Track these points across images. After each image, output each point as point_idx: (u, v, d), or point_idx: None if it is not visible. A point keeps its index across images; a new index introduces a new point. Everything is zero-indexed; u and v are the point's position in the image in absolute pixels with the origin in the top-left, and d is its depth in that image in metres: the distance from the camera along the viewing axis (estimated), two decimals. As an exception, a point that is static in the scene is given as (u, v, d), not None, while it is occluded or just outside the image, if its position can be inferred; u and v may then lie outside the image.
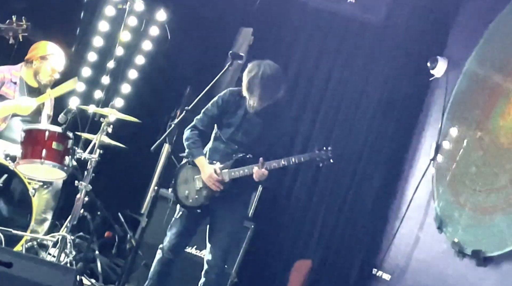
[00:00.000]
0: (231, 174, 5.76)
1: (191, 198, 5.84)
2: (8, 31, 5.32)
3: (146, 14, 8.34)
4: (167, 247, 5.89)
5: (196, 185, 5.84)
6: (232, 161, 5.79)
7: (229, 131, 5.84)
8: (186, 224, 5.88)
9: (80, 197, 6.25)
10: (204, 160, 5.82)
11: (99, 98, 8.05)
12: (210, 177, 5.75)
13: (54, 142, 6.14)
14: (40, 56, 6.75)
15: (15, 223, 5.94)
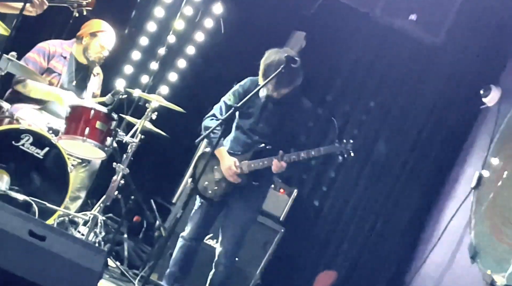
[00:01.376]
0: (251, 166, 5.73)
1: (210, 189, 5.84)
2: (73, 3, 5.32)
3: (203, 5, 8.34)
4: (188, 236, 5.91)
5: (215, 176, 5.83)
6: (251, 152, 5.76)
7: (249, 122, 5.83)
8: (205, 214, 5.90)
9: (117, 179, 6.25)
10: (224, 151, 5.80)
11: (145, 83, 8.06)
12: (229, 168, 5.74)
13: (98, 121, 6.13)
14: (90, 32, 6.76)
15: (50, 197, 5.92)
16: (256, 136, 5.80)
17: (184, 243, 5.92)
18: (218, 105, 5.93)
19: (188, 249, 5.92)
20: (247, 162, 5.74)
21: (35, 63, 6.53)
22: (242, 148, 5.82)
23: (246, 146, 5.81)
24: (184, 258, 5.92)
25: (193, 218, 5.94)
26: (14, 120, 6.00)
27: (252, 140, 5.81)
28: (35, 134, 5.89)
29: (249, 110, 5.80)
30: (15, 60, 5.94)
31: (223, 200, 5.85)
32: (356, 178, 7.34)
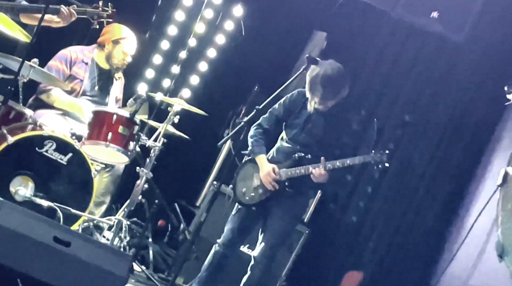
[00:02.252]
0: (287, 173, 5.73)
1: (248, 195, 5.85)
2: (93, 15, 5.34)
3: (223, 8, 8.35)
4: (223, 242, 5.90)
5: (253, 183, 5.85)
6: (291, 160, 5.76)
7: (293, 132, 5.84)
8: (242, 221, 5.89)
9: (140, 183, 6.26)
10: (264, 158, 5.82)
11: (167, 87, 8.07)
12: (267, 175, 5.74)
13: (120, 126, 6.14)
14: (112, 40, 6.77)
15: (74, 202, 5.94)
16: (298, 146, 5.81)
17: (218, 249, 5.91)
18: (265, 115, 5.96)
19: (221, 255, 5.89)
20: (285, 169, 5.75)
21: (58, 71, 6.56)
22: (283, 157, 5.84)
23: (287, 155, 5.82)
24: (215, 264, 5.90)
25: (229, 224, 5.94)
26: (37, 127, 6.01)
27: (293, 149, 5.82)
28: (59, 140, 5.91)
29: (295, 121, 5.84)
30: (37, 67, 5.97)
31: (261, 207, 5.84)
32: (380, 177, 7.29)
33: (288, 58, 8.34)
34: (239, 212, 5.90)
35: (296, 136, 5.83)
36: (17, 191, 5.73)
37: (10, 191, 5.74)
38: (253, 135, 5.89)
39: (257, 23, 8.46)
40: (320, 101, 5.70)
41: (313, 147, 5.77)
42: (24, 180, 5.81)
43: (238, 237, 5.94)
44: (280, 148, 5.90)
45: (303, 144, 5.80)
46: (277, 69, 8.18)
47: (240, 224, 5.89)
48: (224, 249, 5.89)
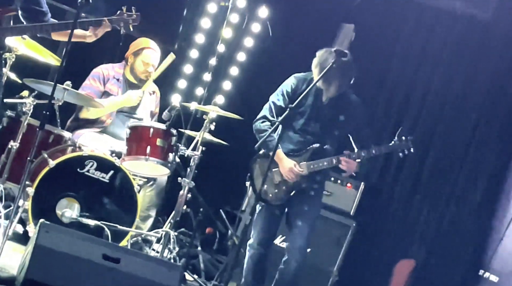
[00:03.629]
0: (310, 167, 5.72)
1: (271, 192, 5.81)
2: (119, 22, 5.39)
3: (248, 11, 8.37)
4: (257, 243, 5.89)
5: (274, 179, 5.80)
6: (308, 152, 5.73)
7: (301, 122, 5.80)
8: (268, 218, 5.88)
9: (183, 194, 6.31)
10: (281, 153, 5.74)
11: (200, 95, 8.11)
12: (290, 171, 5.71)
13: (158, 139, 6.20)
14: (133, 52, 6.85)
15: (120, 219, 6.00)
16: (309, 136, 5.78)
17: (253, 251, 5.92)
18: (266, 106, 5.91)
19: (257, 256, 5.90)
20: (305, 163, 5.72)
21: (92, 88, 6.65)
22: (296, 147, 5.80)
23: (300, 145, 5.79)
24: (254, 266, 5.92)
25: (256, 224, 5.90)
26: (77, 148, 6.09)
27: (305, 139, 5.79)
28: (99, 159, 5.99)
29: (300, 109, 5.75)
30: (71, 89, 6.05)
31: (285, 202, 5.82)
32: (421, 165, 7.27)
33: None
34: (264, 210, 5.87)
35: (305, 126, 5.79)
36: (63, 213, 5.81)
37: (57, 214, 5.82)
38: (263, 129, 5.78)
39: (283, 22, 8.46)
40: (337, 90, 5.68)
41: (324, 135, 5.76)
42: (69, 202, 5.89)
43: (269, 234, 5.94)
44: (289, 137, 5.81)
45: (313, 133, 5.77)
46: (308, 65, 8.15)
47: (268, 222, 5.88)
48: (261, 249, 5.89)
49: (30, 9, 5.25)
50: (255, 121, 5.88)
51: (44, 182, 5.81)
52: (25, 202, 5.78)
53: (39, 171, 5.87)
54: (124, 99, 6.67)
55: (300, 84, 5.82)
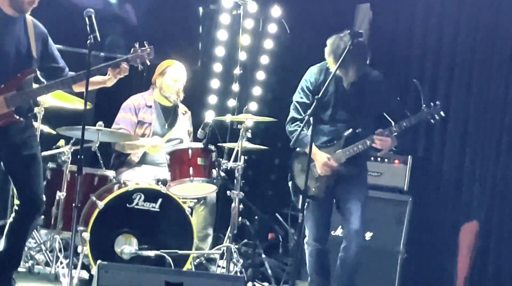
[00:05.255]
0: (346, 153, 5.70)
1: (313, 187, 5.78)
2: (135, 59, 5.42)
3: (261, 13, 8.37)
4: (311, 239, 5.88)
5: (314, 173, 5.77)
6: (342, 140, 5.72)
7: (328, 112, 5.77)
8: (318, 212, 5.85)
9: (235, 206, 6.36)
10: (314, 147, 5.67)
11: (233, 107, 8.12)
12: (325, 165, 5.69)
13: (198, 158, 6.25)
14: (159, 73, 6.90)
15: (179, 244, 6.02)
16: (340, 124, 5.76)
17: (310, 248, 5.90)
18: (292, 107, 5.90)
19: (316, 252, 5.88)
20: (341, 150, 5.71)
21: (126, 120, 6.72)
22: (330, 138, 5.78)
23: (333, 135, 5.77)
24: (316, 263, 5.90)
25: (307, 220, 5.86)
26: (122, 185, 6.16)
27: (336, 128, 5.77)
28: (145, 190, 6.04)
29: (324, 100, 5.68)
30: (104, 129, 6.13)
31: (330, 192, 5.81)
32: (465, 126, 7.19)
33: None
34: (312, 206, 5.83)
35: (333, 115, 5.76)
36: (122, 250, 5.87)
37: (116, 252, 5.88)
38: (292, 130, 5.78)
39: (298, 15, 8.44)
40: (356, 73, 5.66)
41: (354, 120, 5.72)
42: (126, 238, 5.94)
43: (322, 229, 5.90)
44: (321, 130, 5.78)
45: (343, 120, 5.74)
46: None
47: (318, 216, 5.85)
48: (317, 245, 5.86)
49: (47, 68, 5.31)
50: (286, 124, 5.88)
51: (98, 224, 5.87)
52: (84, 247, 5.86)
53: (90, 214, 5.94)
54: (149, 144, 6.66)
55: (318, 75, 5.80)
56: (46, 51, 5.28)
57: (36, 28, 5.24)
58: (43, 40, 5.27)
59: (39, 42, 5.22)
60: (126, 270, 4.63)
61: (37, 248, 6.22)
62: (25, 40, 5.15)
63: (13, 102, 5.06)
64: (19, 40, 5.12)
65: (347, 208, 5.74)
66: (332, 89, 5.74)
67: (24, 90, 5.11)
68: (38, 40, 5.21)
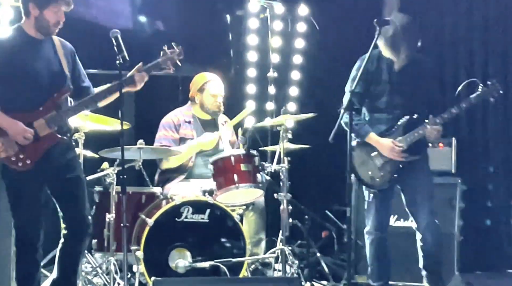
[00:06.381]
0: (407, 140, 5.65)
1: (377, 177, 5.75)
2: (166, 62, 5.41)
3: (288, 14, 8.38)
4: (372, 229, 5.85)
5: (377, 163, 5.75)
6: (400, 127, 5.68)
7: (384, 99, 5.74)
8: (382, 202, 5.82)
9: (284, 208, 6.36)
10: (374, 136, 5.70)
11: (271, 110, 8.13)
12: (392, 150, 5.65)
13: (241, 164, 6.25)
14: (198, 89, 6.88)
15: (232, 252, 6.05)
16: (396, 111, 5.72)
17: (371, 237, 5.87)
18: (345, 98, 5.82)
19: (377, 241, 5.85)
20: (401, 138, 5.67)
21: (167, 139, 6.73)
22: (388, 126, 5.75)
23: (391, 123, 5.73)
24: (376, 251, 5.86)
25: (369, 210, 5.86)
26: (169, 200, 6.18)
27: (393, 115, 5.73)
28: (192, 202, 6.06)
29: (378, 88, 5.73)
30: (145, 146, 6.17)
31: (394, 181, 5.76)
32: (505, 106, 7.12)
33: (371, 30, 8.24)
34: (376, 196, 5.80)
35: (390, 102, 5.73)
36: (177, 265, 5.88)
37: (171, 267, 5.90)
38: (347, 122, 5.61)
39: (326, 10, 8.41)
40: (407, 56, 5.63)
41: (410, 105, 5.68)
42: (179, 252, 5.96)
43: (384, 218, 5.89)
44: (377, 118, 5.78)
45: (399, 106, 5.70)
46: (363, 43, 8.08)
47: (381, 206, 5.82)
48: (378, 234, 5.84)
49: (76, 86, 5.34)
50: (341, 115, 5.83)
51: (150, 241, 5.90)
52: (139, 266, 5.90)
53: (142, 232, 5.98)
54: (200, 142, 6.72)
55: (369, 63, 5.63)
56: (75, 69, 5.32)
57: (64, 46, 5.29)
58: (72, 58, 5.31)
59: (69, 60, 5.26)
60: (182, 284, 4.66)
61: (94, 272, 6.26)
62: (55, 60, 5.19)
63: (54, 122, 5.10)
64: (49, 60, 5.17)
65: (416, 199, 5.73)
66: (386, 76, 5.74)
67: (62, 109, 5.16)
68: (68, 58, 5.26)
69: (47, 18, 5.08)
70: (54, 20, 5.09)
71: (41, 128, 5.07)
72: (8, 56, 5.06)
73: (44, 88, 5.12)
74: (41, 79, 5.11)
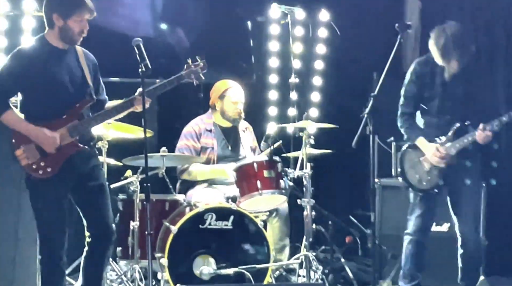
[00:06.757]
0: (456, 146, 5.67)
1: (424, 180, 5.80)
2: (189, 75, 5.43)
3: (309, 19, 8.37)
4: (413, 230, 5.88)
5: (424, 167, 5.78)
6: (451, 132, 5.68)
7: (435, 104, 5.77)
8: (426, 206, 5.85)
9: (307, 213, 6.37)
10: (423, 140, 5.77)
11: (293, 116, 8.12)
12: (434, 155, 5.69)
13: (264, 171, 6.26)
14: (218, 96, 6.89)
15: (257, 258, 6.04)
16: (448, 116, 5.76)
17: (410, 238, 5.89)
18: (400, 102, 5.93)
19: (415, 243, 5.88)
20: (450, 143, 5.69)
21: (188, 149, 6.75)
22: (438, 131, 5.78)
23: (441, 128, 5.77)
24: (414, 254, 5.89)
25: (413, 212, 5.90)
26: (193, 207, 6.19)
27: (445, 121, 5.76)
28: (216, 209, 6.06)
29: (431, 92, 5.78)
30: (168, 154, 6.18)
31: (441, 186, 5.80)
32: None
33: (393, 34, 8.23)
34: (421, 199, 5.85)
35: (441, 107, 5.76)
36: (201, 272, 5.89)
37: (196, 274, 5.90)
38: (403, 124, 5.87)
39: (347, 15, 8.40)
40: (459, 64, 5.63)
41: (462, 111, 5.70)
42: (203, 259, 5.96)
43: (427, 221, 5.92)
44: (429, 123, 5.83)
45: (451, 112, 5.73)
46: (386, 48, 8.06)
47: (426, 209, 5.85)
48: (418, 236, 5.86)
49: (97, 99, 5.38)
50: (397, 118, 5.93)
51: (174, 249, 5.91)
52: (163, 273, 5.91)
53: (166, 239, 5.99)
54: (220, 169, 6.68)
55: (423, 67, 5.80)
56: (95, 81, 5.34)
57: (87, 57, 5.32)
58: (94, 70, 5.34)
59: (91, 70, 5.29)
60: (206, 291, 4.64)
61: (118, 280, 6.28)
62: (78, 70, 5.22)
63: (76, 131, 5.13)
64: (72, 70, 5.19)
65: (460, 203, 5.77)
66: (438, 81, 5.77)
67: (85, 119, 5.19)
68: (90, 69, 5.28)
69: (71, 27, 5.10)
70: (78, 29, 5.12)
71: (63, 137, 5.10)
72: (32, 66, 5.09)
73: (66, 98, 5.15)
74: (64, 89, 5.14)
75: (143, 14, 8.34)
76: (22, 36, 6.84)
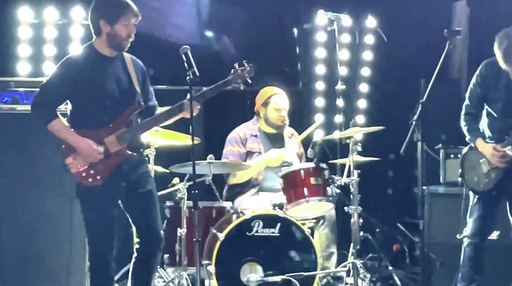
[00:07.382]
0: None
1: (482, 182, 5.76)
2: (236, 80, 5.42)
3: (356, 26, 8.35)
4: (471, 233, 5.82)
5: (483, 169, 5.75)
6: None
7: (499, 106, 5.73)
8: (484, 208, 5.80)
9: (355, 221, 6.32)
10: (481, 142, 5.74)
11: (340, 122, 8.09)
12: (493, 155, 5.65)
13: (311, 178, 6.24)
14: (261, 104, 6.92)
15: (304, 266, 6.04)
16: (511, 119, 5.70)
17: (468, 241, 5.84)
18: (465, 103, 5.92)
19: (473, 246, 5.82)
20: (510, 146, 5.64)
21: (234, 154, 6.77)
22: (499, 134, 5.74)
23: (503, 131, 5.72)
24: (472, 257, 5.83)
25: (471, 214, 5.86)
26: (240, 214, 6.20)
27: (508, 124, 5.71)
28: (263, 216, 6.06)
29: (495, 94, 5.74)
30: (215, 161, 6.20)
31: (500, 188, 5.75)
32: None
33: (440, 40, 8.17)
34: (480, 201, 5.81)
35: (505, 110, 5.71)
36: (249, 279, 5.89)
37: (243, 281, 5.91)
38: (464, 125, 5.86)
39: (394, 22, 8.36)
40: None
41: None
42: (251, 266, 5.97)
43: (485, 224, 5.86)
44: (491, 125, 5.79)
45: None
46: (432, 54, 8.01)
47: (484, 211, 5.80)
48: (476, 239, 5.81)
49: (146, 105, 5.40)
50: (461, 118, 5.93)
51: (221, 256, 5.93)
52: (211, 281, 5.93)
53: (213, 247, 6.01)
54: (266, 158, 6.72)
55: (488, 69, 5.79)
56: (144, 87, 5.36)
57: (135, 64, 5.34)
58: (143, 76, 5.36)
59: (139, 77, 5.31)
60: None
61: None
62: (125, 77, 5.25)
63: (125, 139, 5.16)
64: (120, 78, 5.22)
65: None
66: (503, 83, 5.73)
67: (133, 125, 5.22)
68: (138, 75, 5.31)
69: (118, 32, 5.14)
70: (125, 34, 5.15)
71: (111, 145, 5.14)
72: (80, 74, 5.13)
73: (115, 105, 5.18)
74: (112, 96, 5.17)
75: (190, 23, 8.40)
76: (70, 44, 6.95)
